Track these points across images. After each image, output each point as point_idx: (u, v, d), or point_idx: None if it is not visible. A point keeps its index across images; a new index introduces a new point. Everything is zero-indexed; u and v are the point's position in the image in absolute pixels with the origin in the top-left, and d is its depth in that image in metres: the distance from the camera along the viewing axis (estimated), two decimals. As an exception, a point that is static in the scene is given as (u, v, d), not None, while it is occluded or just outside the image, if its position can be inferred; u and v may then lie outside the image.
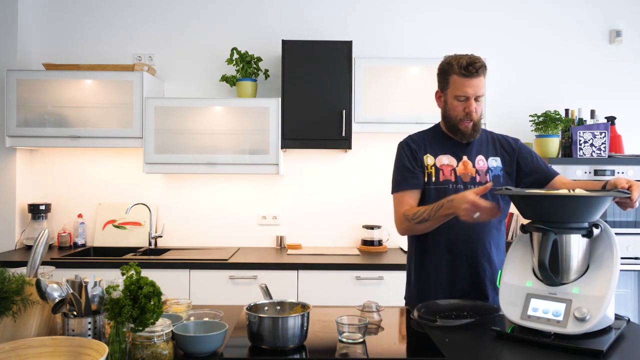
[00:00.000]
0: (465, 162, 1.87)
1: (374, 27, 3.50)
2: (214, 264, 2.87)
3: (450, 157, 1.88)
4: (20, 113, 3.11)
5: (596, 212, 1.44)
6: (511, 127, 3.47)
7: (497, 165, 1.90)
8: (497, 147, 1.93)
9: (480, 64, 1.78)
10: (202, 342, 1.30)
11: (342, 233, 3.44)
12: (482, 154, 1.90)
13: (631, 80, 3.51)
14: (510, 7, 3.51)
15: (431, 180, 1.86)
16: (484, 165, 1.88)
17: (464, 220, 1.62)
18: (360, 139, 3.41)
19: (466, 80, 1.78)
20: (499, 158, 1.91)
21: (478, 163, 1.88)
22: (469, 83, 1.78)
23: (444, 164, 1.87)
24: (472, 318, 1.59)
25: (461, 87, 1.79)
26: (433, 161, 1.88)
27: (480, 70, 1.78)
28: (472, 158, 1.88)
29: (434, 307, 1.69)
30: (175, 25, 3.50)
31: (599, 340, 1.35)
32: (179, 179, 3.47)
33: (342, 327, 1.43)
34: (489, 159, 1.90)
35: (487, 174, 1.87)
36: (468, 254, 1.83)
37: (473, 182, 1.85)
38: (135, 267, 1.26)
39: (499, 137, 1.97)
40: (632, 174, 2.89)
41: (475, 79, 1.78)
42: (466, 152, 1.89)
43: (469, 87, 1.79)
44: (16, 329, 1.29)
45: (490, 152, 1.92)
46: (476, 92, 1.79)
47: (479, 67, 1.77)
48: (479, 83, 1.79)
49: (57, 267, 1.98)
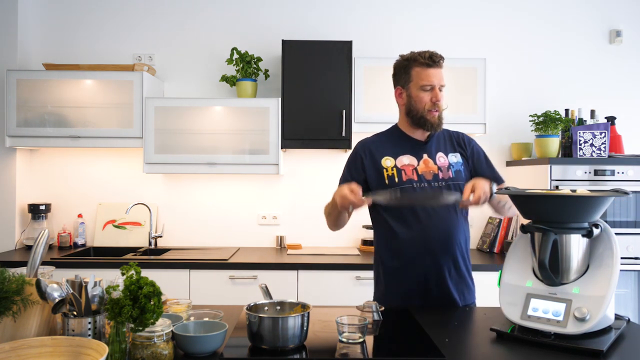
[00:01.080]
0: (426, 160, 1.91)
1: (374, 27, 3.50)
2: (214, 264, 2.87)
3: (410, 156, 1.92)
4: (20, 113, 3.11)
5: (596, 212, 1.44)
6: (511, 127, 3.48)
7: (458, 160, 1.94)
8: (455, 144, 1.98)
9: (441, 56, 1.88)
10: (202, 342, 1.30)
11: (342, 233, 3.41)
12: (442, 151, 1.94)
13: (631, 80, 3.51)
14: (510, 7, 3.51)
15: (394, 181, 1.88)
16: (444, 161, 1.92)
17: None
18: (360, 138, 3.40)
19: (430, 69, 1.86)
20: (458, 154, 1.96)
21: (439, 160, 1.92)
22: (433, 72, 1.86)
23: (405, 164, 1.91)
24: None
25: (426, 77, 1.86)
26: (393, 162, 1.91)
27: (441, 61, 1.88)
28: (432, 156, 1.92)
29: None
30: (175, 25, 3.50)
31: (599, 340, 1.35)
32: (179, 179, 3.47)
33: (342, 327, 1.43)
34: (449, 155, 1.94)
35: (449, 169, 1.91)
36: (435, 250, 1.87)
37: (436, 179, 1.88)
38: (135, 267, 1.26)
39: (454, 134, 2.02)
40: (632, 174, 2.89)
41: (438, 69, 1.87)
42: (426, 151, 1.93)
43: (433, 76, 1.86)
44: (16, 329, 1.29)
45: (449, 148, 1.96)
46: (440, 81, 1.87)
47: (440, 58, 1.88)
48: (442, 73, 1.88)
49: (57, 267, 1.98)
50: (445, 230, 1.85)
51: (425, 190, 1.85)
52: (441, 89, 1.88)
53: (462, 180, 1.89)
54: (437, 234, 1.84)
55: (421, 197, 1.86)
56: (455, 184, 1.88)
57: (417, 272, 1.86)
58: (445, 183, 1.88)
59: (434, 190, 1.84)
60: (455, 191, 1.85)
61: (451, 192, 1.83)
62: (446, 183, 1.88)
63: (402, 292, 1.88)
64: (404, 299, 1.87)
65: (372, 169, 1.95)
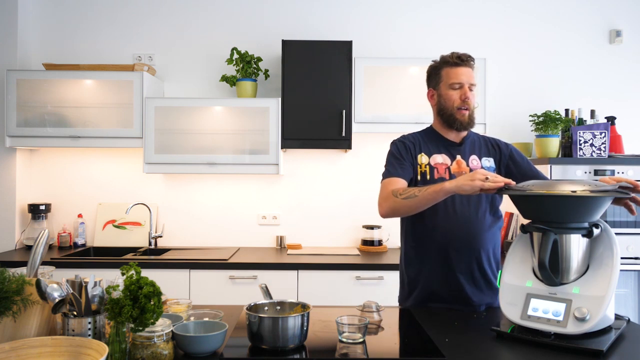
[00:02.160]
0: (459, 161, 1.90)
1: (374, 27, 3.50)
2: (214, 264, 2.87)
3: (445, 156, 1.91)
4: (20, 113, 3.11)
5: (596, 212, 1.44)
6: (511, 127, 3.48)
7: (491, 165, 1.92)
8: (490, 149, 1.96)
9: (470, 56, 1.88)
10: (202, 342, 1.30)
11: (342, 233, 3.44)
12: (476, 154, 1.93)
13: (631, 80, 3.51)
14: (510, 7, 3.51)
15: (425, 178, 1.87)
16: (477, 164, 1.90)
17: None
18: (360, 139, 3.41)
19: (459, 68, 1.87)
20: (492, 159, 1.94)
21: (472, 162, 1.90)
22: (462, 71, 1.87)
23: (438, 163, 1.90)
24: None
25: (455, 76, 1.87)
26: (427, 160, 1.91)
27: (471, 61, 1.88)
28: (465, 157, 1.91)
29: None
30: (175, 26, 3.50)
31: (599, 340, 1.35)
32: (179, 179, 3.47)
33: (342, 327, 1.43)
34: (482, 159, 1.93)
35: None
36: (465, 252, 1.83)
37: None
38: (135, 267, 1.26)
39: (491, 140, 2.00)
40: (632, 174, 2.89)
41: (467, 68, 1.87)
42: (460, 152, 1.92)
43: (462, 74, 1.86)
44: (16, 329, 1.29)
45: (484, 152, 1.95)
46: (469, 80, 1.87)
47: (469, 57, 1.88)
48: (471, 73, 1.88)
49: (57, 267, 1.99)
50: (470, 231, 1.82)
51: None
52: (471, 88, 1.87)
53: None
54: (462, 234, 1.81)
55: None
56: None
57: (443, 269, 1.83)
58: None
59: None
60: (485, 196, 1.83)
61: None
62: None
63: (425, 293, 1.86)
64: (429, 298, 1.85)
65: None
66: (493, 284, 1.88)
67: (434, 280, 1.85)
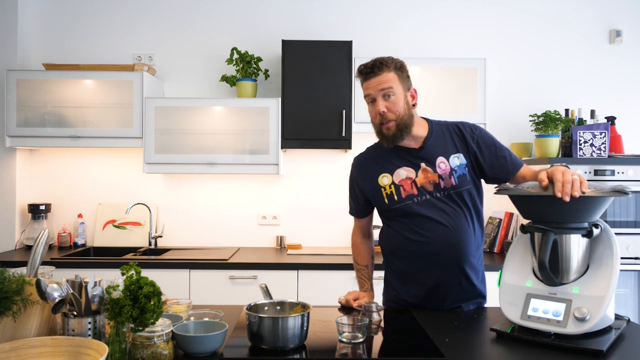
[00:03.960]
0: (425, 169, 1.74)
1: (374, 27, 3.50)
2: (214, 264, 2.87)
3: (407, 168, 1.76)
4: (20, 113, 3.11)
5: (596, 212, 1.44)
6: (511, 127, 3.48)
7: (461, 162, 1.75)
8: (456, 141, 1.77)
9: (378, 60, 1.70)
10: (202, 342, 1.30)
11: (342, 233, 3.44)
12: (442, 155, 1.75)
13: (631, 80, 3.51)
14: (510, 7, 3.51)
15: (393, 199, 1.76)
16: (446, 167, 1.73)
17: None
18: (360, 139, 3.39)
19: (365, 82, 1.73)
20: (461, 154, 1.76)
21: (439, 167, 1.74)
22: (367, 84, 1.72)
23: (403, 179, 1.75)
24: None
25: (365, 88, 1.74)
26: (390, 179, 1.77)
27: (377, 67, 1.70)
28: (431, 162, 1.74)
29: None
30: (175, 25, 3.50)
31: (599, 340, 1.35)
32: (179, 179, 3.47)
33: (342, 327, 1.43)
34: (450, 157, 1.74)
35: (452, 176, 1.74)
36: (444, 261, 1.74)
37: (438, 188, 1.73)
38: (135, 267, 1.26)
39: (455, 129, 1.80)
40: (632, 174, 2.89)
41: (373, 78, 1.70)
42: (422, 158, 1.75)
43: (369, 88, 1.72)
44: (16, 329, 1.29)
45: (450, 149, 1.76)
46: (377, 88, 1.69)
47: (373, 64, 1.71)
48: (381, 79, 1.69)
49: (57, 267, 1.98)
50: (453, 241, 1.71)
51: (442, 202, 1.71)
52: (387, 96, 1.69)
53: (467, 186, 1.74)
54: (445, 246, 1.71)
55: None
56: (458, 192, 1.73)
57: (425, 281, 1.77)
58: (448, 192, 1.73)
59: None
60: (459, 200, 1.72)
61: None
62: (448, 192, 1.73)
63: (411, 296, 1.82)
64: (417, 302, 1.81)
65: (370, 188, 1.82)
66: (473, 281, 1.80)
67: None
